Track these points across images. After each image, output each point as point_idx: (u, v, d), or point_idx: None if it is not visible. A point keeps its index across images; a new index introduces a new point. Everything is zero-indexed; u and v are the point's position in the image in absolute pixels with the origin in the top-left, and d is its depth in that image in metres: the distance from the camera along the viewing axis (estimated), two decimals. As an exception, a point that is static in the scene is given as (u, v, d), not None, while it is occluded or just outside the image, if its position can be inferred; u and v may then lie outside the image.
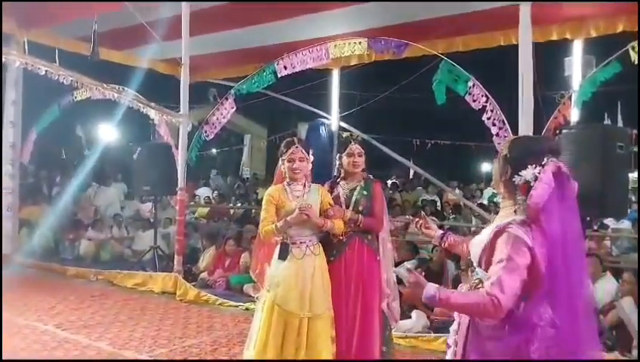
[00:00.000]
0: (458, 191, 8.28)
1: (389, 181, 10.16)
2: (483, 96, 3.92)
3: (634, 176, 11.32)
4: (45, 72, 4.75)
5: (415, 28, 4.91)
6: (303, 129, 8.41)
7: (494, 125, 3.88)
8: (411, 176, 11.86)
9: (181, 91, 5.56)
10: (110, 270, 5.84)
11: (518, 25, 4.01)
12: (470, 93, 3.95)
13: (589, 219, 4.01)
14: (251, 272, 2.85)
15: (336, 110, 6.74)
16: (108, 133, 10.80)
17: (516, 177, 1.44)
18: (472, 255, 1.57)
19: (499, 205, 1.61)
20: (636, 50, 3.59)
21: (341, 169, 2.83)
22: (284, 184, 2.64)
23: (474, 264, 1.55)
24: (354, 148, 2.76)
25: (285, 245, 2.55)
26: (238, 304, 4.74)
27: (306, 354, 2.46)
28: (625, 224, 5.20)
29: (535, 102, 3.97)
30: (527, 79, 3.93)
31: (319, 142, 6.54)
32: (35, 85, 5.77)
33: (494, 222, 1.52)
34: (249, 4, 5.01)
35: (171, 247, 6.16)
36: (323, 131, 6.74)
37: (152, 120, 5.78)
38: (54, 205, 7.48)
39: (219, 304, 4.83)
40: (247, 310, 4.49)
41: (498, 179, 1.55)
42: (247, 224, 6.75)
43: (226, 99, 5.43)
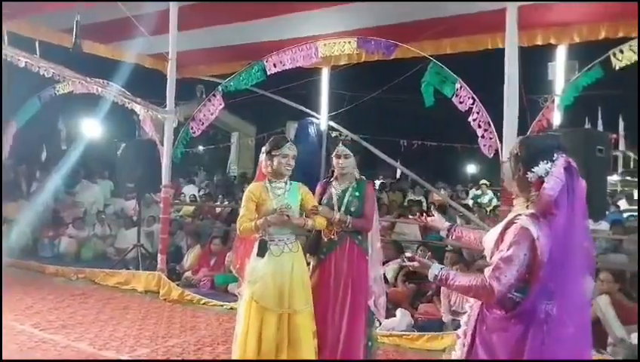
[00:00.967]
0: (443, 192, 8.37)
1: (377, 181, 10.22)
2: (470, 98, 3.97)
3: (612, 180, 11.67)
4: (25, 63, 4.61)
5: (404, 29, 4.94)
6: (291, 127, 8.35)
7: (480, 127, 3.93)
8: (398, 177, 11.94)
9: (167, 87, 5.48)
10: (92, 268, 5.72)
11: (505, 29, 4.07)
12: (457, 95, 4.00)
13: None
14: (232, 267, 2.85)
15: (326, 109, 6.73)
16: (91, 128, 10.53)
17: (529, 174, 1.48)
18: (485, 251, 1.62)
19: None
20: (617, 57, 3.68)
21: (334, 170, 2.85)
22: (265, 181, 2.62)
23: (487, 259, 1.59)
24: (340, 150, 2.77)
25: (264, 242, 2.55)
26: (222, 303, 4.70)
27: (288, 349, 2.48)
28: (602, 225, 5.35)
29: (520, 105, 4.04)
30: (512, 81, 3.99)
31: (308, 141, 6.50)
32: (16, 78, 5.60)
33: (506, 218, 1.56)
34: (238, 4, 4.95)
35: (155, 246, 6.07)
36: (312, 130, 6.71)
37: (137, 115, 5.68)
38: (33, 201, 7.29)
39: (203, 303, 4.79)
40: (231, 309, 4.44)
41: (511, 178, 1.58)
42: (234, 223, 6.68)
43: (214, 95, 5.37)
